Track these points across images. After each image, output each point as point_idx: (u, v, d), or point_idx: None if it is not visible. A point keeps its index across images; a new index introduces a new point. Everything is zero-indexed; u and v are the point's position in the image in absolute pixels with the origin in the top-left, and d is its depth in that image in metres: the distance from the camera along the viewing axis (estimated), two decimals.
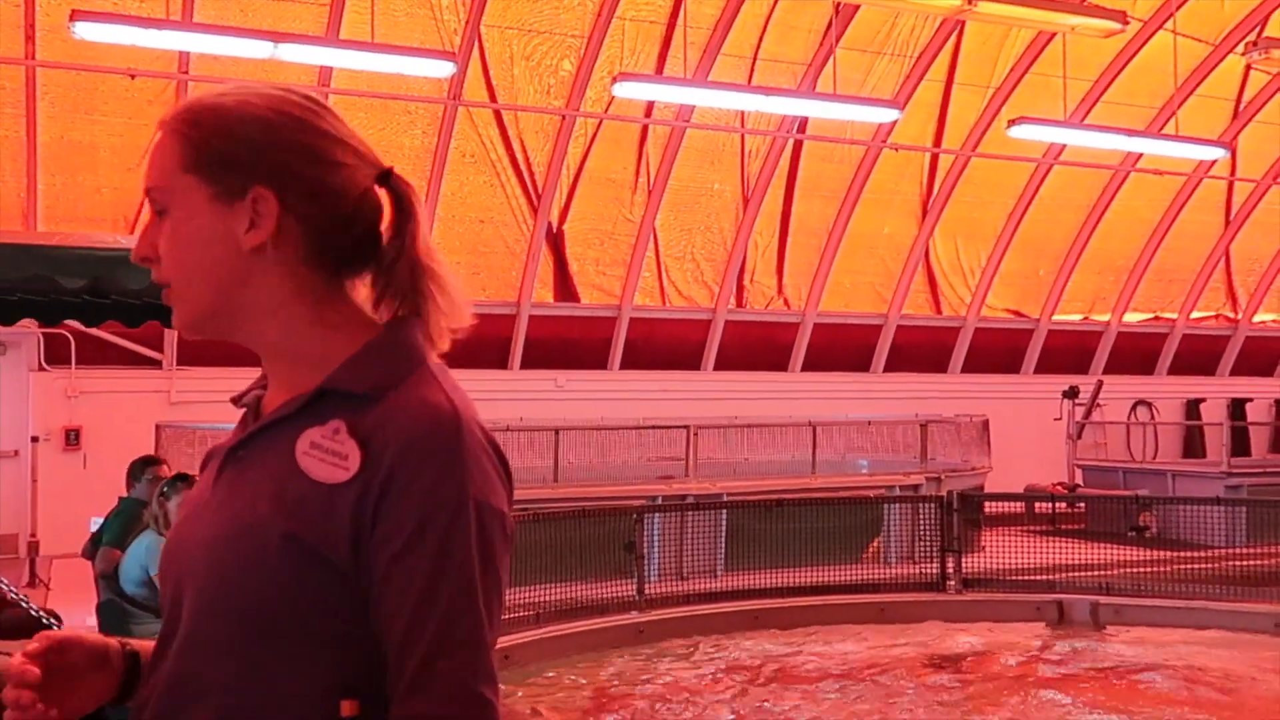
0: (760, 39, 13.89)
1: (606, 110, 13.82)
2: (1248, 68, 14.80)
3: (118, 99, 12.06)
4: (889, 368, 16.38)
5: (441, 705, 1.11)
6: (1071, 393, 15.75)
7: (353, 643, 1.16)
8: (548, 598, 5.80)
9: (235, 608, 1.17)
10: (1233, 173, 17.08)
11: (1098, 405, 16.13)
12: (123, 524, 6.15)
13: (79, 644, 1.27)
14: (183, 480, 5.55)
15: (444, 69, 10.53)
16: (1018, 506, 12.14)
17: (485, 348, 13.58)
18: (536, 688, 4.09)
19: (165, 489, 5.59)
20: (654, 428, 11.47)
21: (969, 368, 16.83)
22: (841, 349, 16.07)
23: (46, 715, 1.20)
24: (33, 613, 4.16)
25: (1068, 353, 17.44)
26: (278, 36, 9.66)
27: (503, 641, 4.60)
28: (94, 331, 11.13)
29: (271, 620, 1.16)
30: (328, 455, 1.17)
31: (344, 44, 10.80)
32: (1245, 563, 9.81)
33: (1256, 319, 18.84)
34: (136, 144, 11.89)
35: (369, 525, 1.14)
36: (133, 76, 11.18)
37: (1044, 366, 17.24)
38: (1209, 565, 10.15)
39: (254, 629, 1.16)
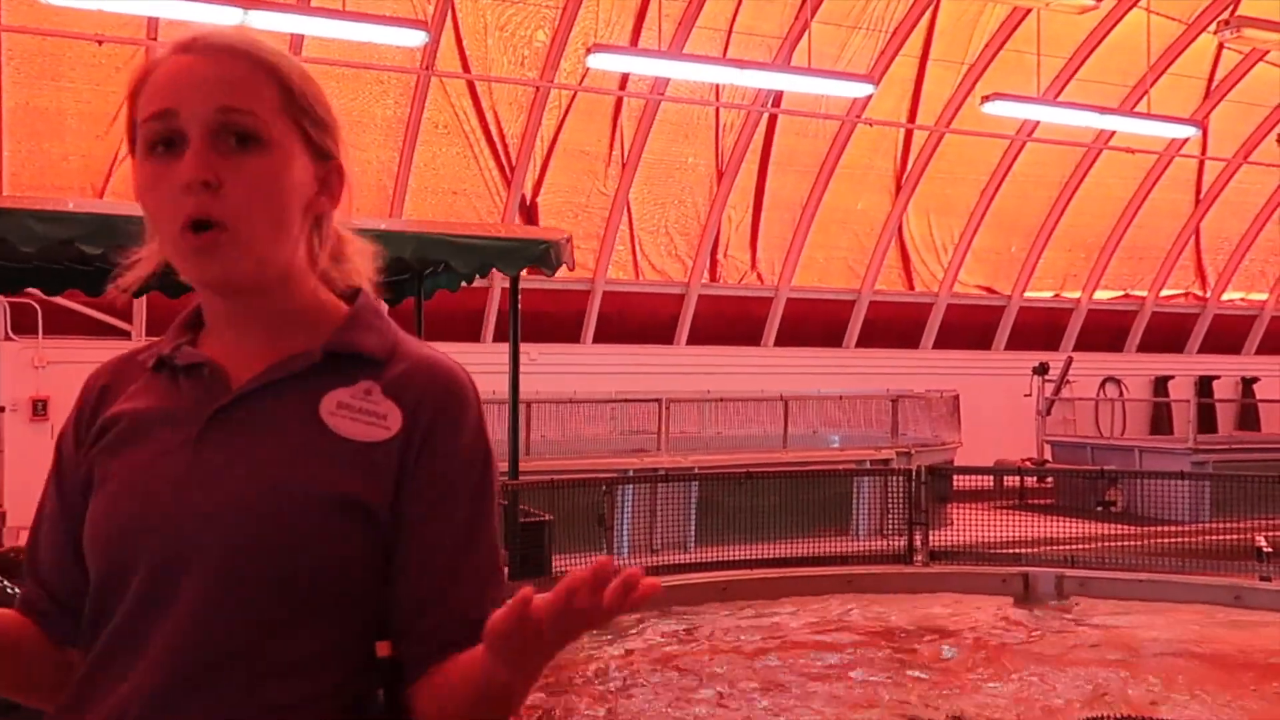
0: (735, 12, 13.84)
1: (581, 82, 13.75)
2: (1220, 46, 14.86)
3: (85, 65, 11.90)
4: (861, 343, 16.44)
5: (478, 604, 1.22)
6: (1041, 369, 15.87)
7: (383, 587, 1.20)
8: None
9: (273, 572, 1.14)
10: (1204, 151, 17.19)
11: (1067, 382, 16.27)
12: None
13: None
14: None
15: (416, 38, 10.43)
16: (988, 482, 12.22)
17: (457, 320, 13.53)
18: None
19: None
20: (626, 401, 11.48)
21: (941, 344, 16.92)
22: (814, 324, 16.11)
23: None
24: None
25: (1038, 329, 17.56)
26: (248, 2, 9.53)
27: None
28: (61, 301, 11.02)
29: (312, 580, 1.15)
30: (362, 415, 1.20)
31: (315, 11, 10.69)
32: (1209, 538, 9.93)
33: (1225, 297, 19.01)
34: (104, 111, 11.75)
35: (410, 476, 1.20)
36: (100, 42, 11.03)
37: (1015, 343, 17.35)
38: (1174, 540, 10.30)
39: (293, 591, 1.15)
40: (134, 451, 1.21)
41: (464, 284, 7.33)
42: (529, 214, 14.47)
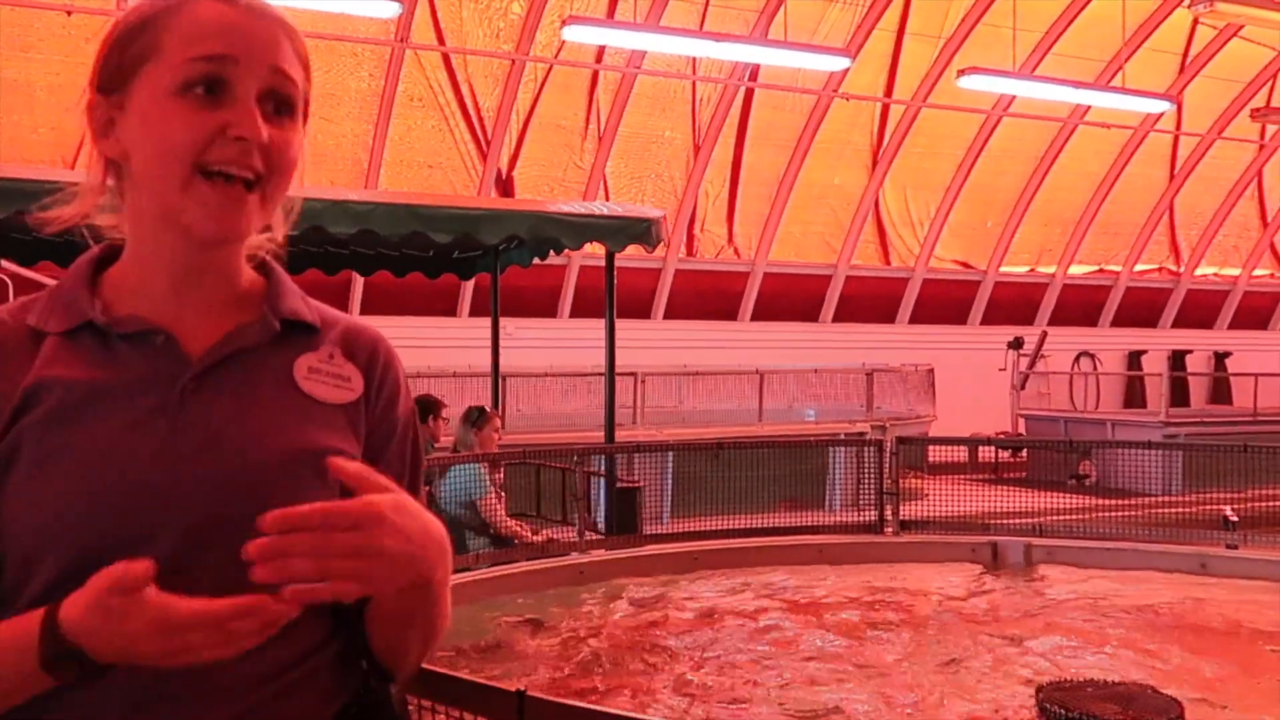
0: None
1: (557, 55, 13.69)
2: (1195, 21, 14.90)
3: (54, 36, 11.76)
4: (838, 318, 16.49)
5: None
6: (1016, 344, 15.97)
7: None
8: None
9: None
10: (1178, 127, 17.28)
11: (1042, 356, 16.36)
12: None
13: None
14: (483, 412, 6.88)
15: (390, 9, 10.36)
16: (962, 455, 12.31)
17: (434, 295, 13.49)
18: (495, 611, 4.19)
19: (476, 418, 6.81)
20: (599, 375, 11.46)
21: (917, 318, 16.99)
22: (791, 299, 16.14)
23: None
24: None
25: (1014, 304, 17.66)
26: None
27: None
28: (33, 274, 10.92)
29: None
30: (331, 378, 1.25)
31: None
32: (1180, 509, 10.02)
33: (1198, 272, 19.15)
34: (74, 83, 11.61)
35: (372, 433, 1.27)
36: (69, 13, 10.90)
37: (990, 318, 17.44)
38: (1145, 511, 10.38)
39: None
40: (95, 423, 1.15)
41: (536, 260, 7.79)
42: (505, 188, 14.42)
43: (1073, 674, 3.46)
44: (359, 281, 12.86)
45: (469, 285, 14.19)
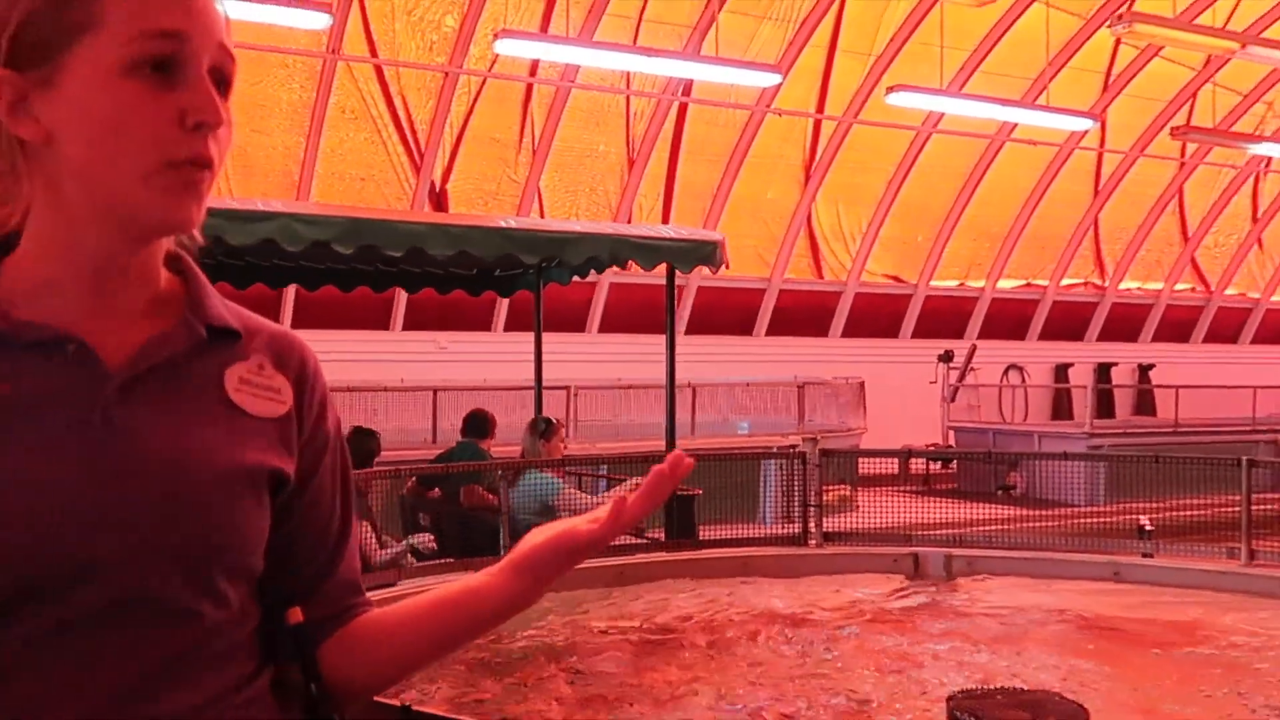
0: (645, 0, 13.87)
1: (490, 68, 13.68)
2: (1117, 42, 15.26)
3: None
4: (771, 331, 16.62)
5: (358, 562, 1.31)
6: (946, 357, 16.19)
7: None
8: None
9: (232, 558, 1.11)
10: (1102, 144, 17.66)
11: (971, 369, 16.62)
12: None
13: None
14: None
15: (320, 20, 10.28)
16: (894, 467, 12.42)
17: (367, 308, 13.39)
18: None
19: (544, 429, 7.19)
20: (533, 388, 11.44)
21: (849, 332, 17.17)
22: (725, 312, 16.24)
23: None
24: None
25: (944, 317, 17.91)
26: None
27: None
28: None
29: (258, 560, 1.14)
30: (263, 390, 1.17)
31: None
32: (1103, 519, 10.24)
33: (1122, 286, 19.56)
34: None
35: (304, 446, 1.20)
36: None
37: (921, 331, 17.67)
38: (1069, 521, 10.58)
39: (248, 573, 1.13)
40: (2, 446, 1.04)
41: (576, 278, 8.23)
42: (438, 201, 14.36)
43: (984, 681, 3.52)
44: (290, 294, 12.72)
45: (402, 298, 14.09)
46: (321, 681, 1.20)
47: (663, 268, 7.27)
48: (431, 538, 6.21)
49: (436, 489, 7.07)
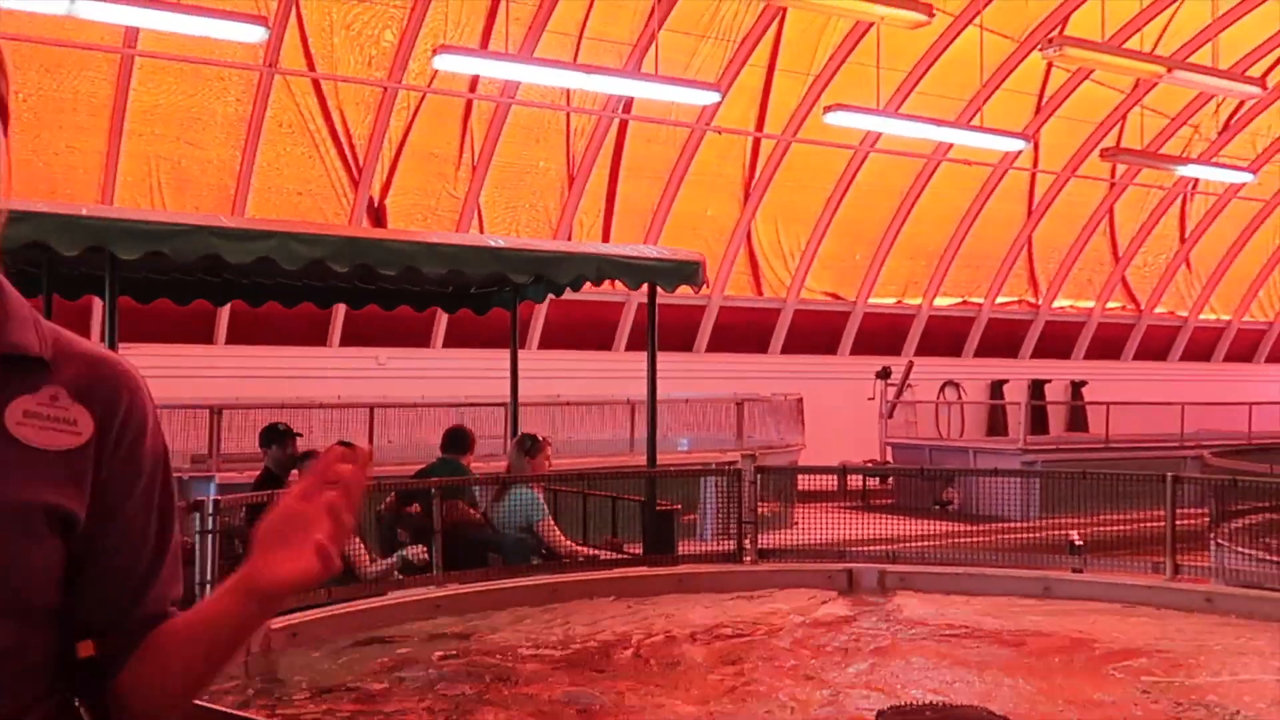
0: (586, 17, 13.90)
1: (430, 84, 13.62)
2: (1049, 65, 15.55)
3: None
4: (711, 347, 16.68)
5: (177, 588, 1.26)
6: (884, 373, 16.36)
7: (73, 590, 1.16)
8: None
9: (11, 590, 1.08)
10: (1035, 165, 17.98)
11: (909, 385, 16.79)
12: None
13: None
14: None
15: (256, 34, 10.16)
16: (832, 483, 12.52)
17: (303, 324, 13.24)
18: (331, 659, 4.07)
19: (530, 446, 6.96)
20: (473, 405, 11.39)
21: (788, 348, 17.28)
22: (665, 329, 16.16)
23: None
24: None
25: (882, 334, 18.10)
26: None
27: (294, 618, 4.52)
28: None
29: (29, 596, 1.10)
30: (52, 423, 1.12)
31: (148, 2, 10.29)
32: (1036, 534, 10.37)
33: (1055, 304, 19.90)
34: None
35: (106, 479, 1.15)
36: None
37: (859, 348, 17.83)
38: (1002, 536, 10.71)
39: (13, 610, 1.09)
40: None
41: (551, 296, 8.19)
42: (377, 216, 14.26)
43: (913, 697, 3.55)
44: (224, 313, 12.52)
45: (339, 314, 13.95)
46: (107, 714, 1.18)
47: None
48: (423, 549, 6.12)
49: (415, 504, 6.99)
